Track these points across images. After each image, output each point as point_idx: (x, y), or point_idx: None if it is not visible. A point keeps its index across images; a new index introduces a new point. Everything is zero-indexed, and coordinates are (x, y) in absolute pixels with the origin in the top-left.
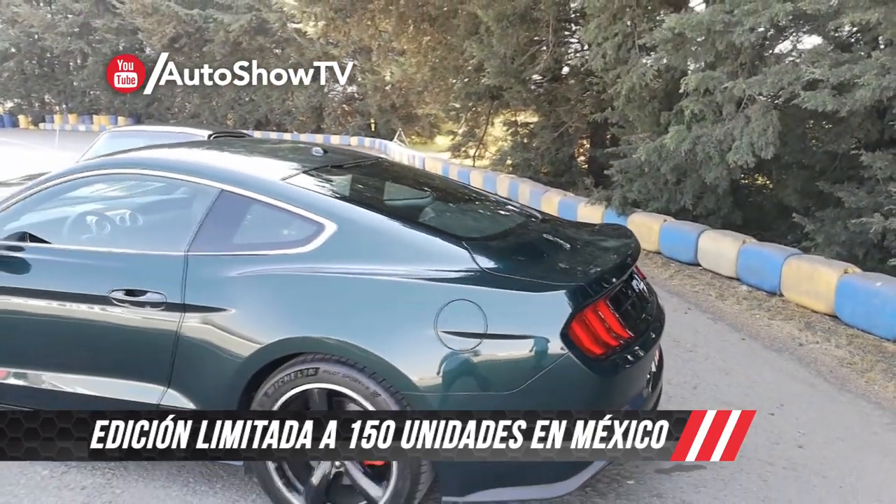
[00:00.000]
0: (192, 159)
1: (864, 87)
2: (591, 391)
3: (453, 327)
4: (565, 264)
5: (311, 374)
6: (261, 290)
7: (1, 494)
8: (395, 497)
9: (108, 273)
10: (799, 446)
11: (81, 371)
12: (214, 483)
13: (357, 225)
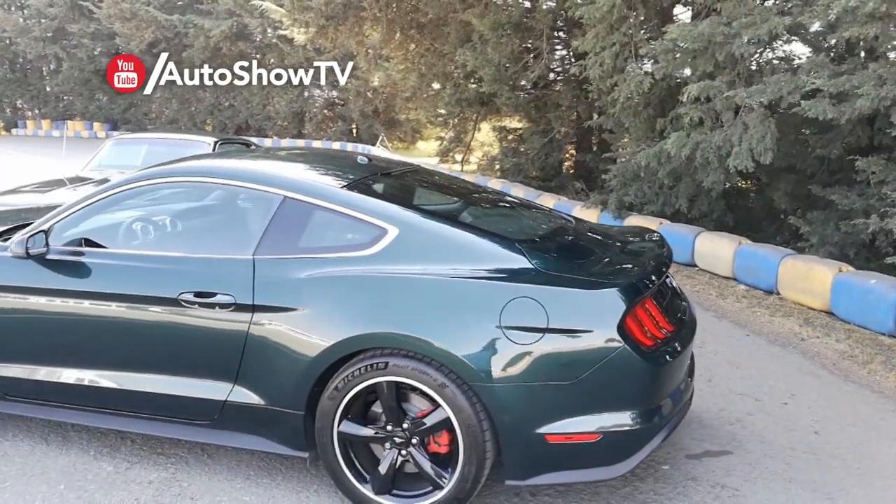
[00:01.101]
0: (253, 168)
1: (864, 97)
2: (644, 380)
3: (517, 323)
4: (612, 264)
5: (381, 367)
6: (331, 291)
7: (72, 490)
8: (461, 481)
9: (176, 276)
10: (815, 432)
11: (145, 370)
12: (275, 476)
13: (417, 229)
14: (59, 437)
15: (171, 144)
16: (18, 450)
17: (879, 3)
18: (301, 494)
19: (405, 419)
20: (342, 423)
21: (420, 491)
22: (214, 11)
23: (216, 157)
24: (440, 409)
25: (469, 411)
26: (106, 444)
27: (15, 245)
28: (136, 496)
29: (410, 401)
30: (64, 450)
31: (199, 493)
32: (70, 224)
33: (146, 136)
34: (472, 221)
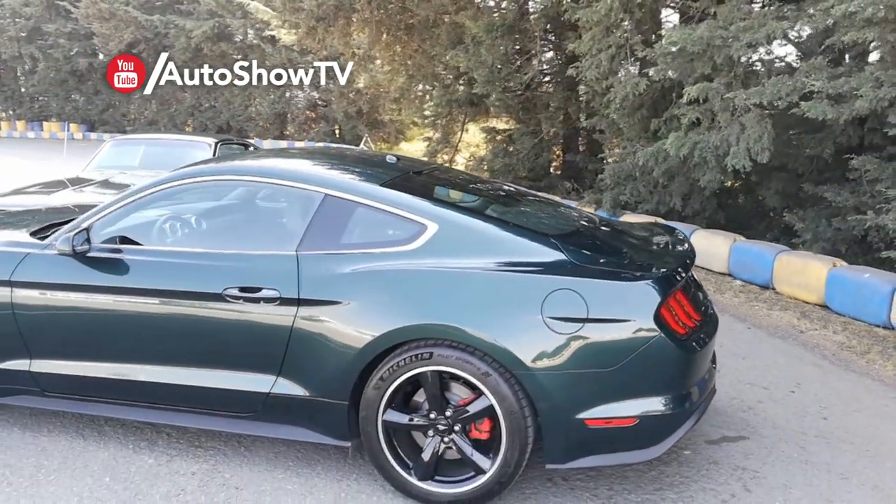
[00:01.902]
0: (293, 167)
1: (863, 98)
2: (678, 366)
3: (558, 313)
4: (643, 258)
5: (425, 357)
6: (376, 284)
7: (118, 481)
8: (503, 466)
9: (220, 272)
10: (823, 418)
11: (188, 364)
12: (314, 466)
13: (456, 225)
14: (95, 432)
15: (169, 145)
16: (57, 445)
17: (877, 9)
18: (341, 483)
19: (447, 407)
20: (386, 412)
21: (462, 476)
22: (195, 12)
23: (254, 157)
24: (483, 397)
25: (511, 398)
26: (143, 437)
27: (61, 242)
28: (182, 487)
29: (451, 389)
30: (102, 444)
31: (243, 483)
32: (109, 222)
33: (144, 136)
34: (505, 217)
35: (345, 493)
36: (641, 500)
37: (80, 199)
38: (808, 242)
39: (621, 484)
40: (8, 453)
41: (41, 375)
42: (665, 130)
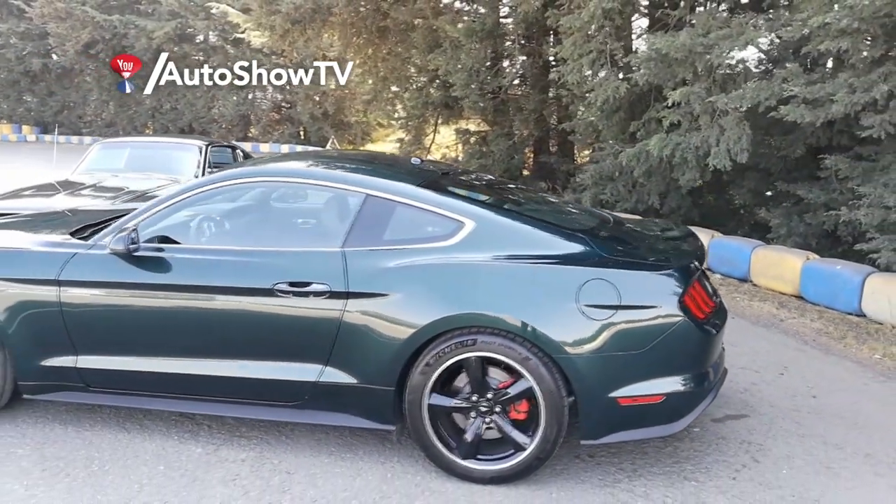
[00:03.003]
0: (334, 170)
1: (838, 103)
2: (700, 347)
3: (592, 301)
4: (662, 250)
5: (469, 344)
6: (420, 277)
7: (172, 469)
8: (543, 442)
9: (269, 268)
10: (812, 396)
11: (236, 356)
12: (356, 450)
13: (491, 221)
14: (136, 425)
15: (157, 148)
16: (102, 438)
17: (851, 21)
18: (385, 465)
19: (488, 390)
20: (431, 396)
21: (502, 454)
22: (156, 12)
23: (294, 160)
24: (523, 379)
25: (550, 380)
26: (185, 429)
27: (114, 242)
28: (235, 472)
29: (489, 374)
30: (147, 436)
31: (293, 468)
32: (152, 222)
33: (131, 139)
34: (532, 213)
35: (390, 473)
36: (663, 472)
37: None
38: (783, 237)
39: (642, 458)
40: (56, 447)
41: (87, 371)
42: (644, 132)
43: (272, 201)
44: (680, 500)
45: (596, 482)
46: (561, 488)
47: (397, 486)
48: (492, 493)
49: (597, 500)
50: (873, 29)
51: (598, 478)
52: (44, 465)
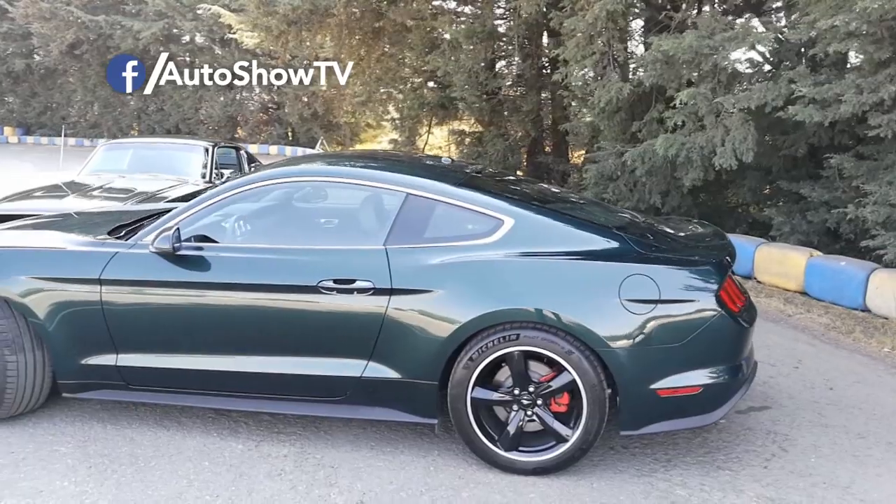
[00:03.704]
0: (373, 169)
1: (847, 103)
2: (735, 339)
3: (634, 296)
4: (695, 247)
5: (512, 339)
6: (463, 274)
7: (217, 465)
8: (585, 434)
9: (313, 266)
10: (829, 388)
11: (281, 353)
12: (396, 444)
13: (530, 219)
14: (174, 422)
15: (161, 148)
16: (143, 435)
17: (860, 24)
18: (427, 458)
19: (529, 383)
20: (474, 389)
21: (543, 446)
22: (143, 13)
23: (330, 160)
24: (565, 373)
25: (592, 373)
26: (223, 427)
27: (159, 241)
28: (280, 467)
29: (530, 367)
30: (186, 433)
31: (336, 463)
32: (191, 221)
33: (135, 140)
34: (567, 211)
35: (433, 466)
36: (696, 461)
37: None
38: (786, 235)
39: (674, 449)
40: (99, 444)
41: (128, 369)
42: (646, 132)
43: (312, 200)
44: (717, 487)
45: (633, 472)
46: (600, 478)
47: (441, 479)
48: (535, 484)
49: (636, 489)
50: (880, 31)
51: (635, 468)
52: (89, 463)
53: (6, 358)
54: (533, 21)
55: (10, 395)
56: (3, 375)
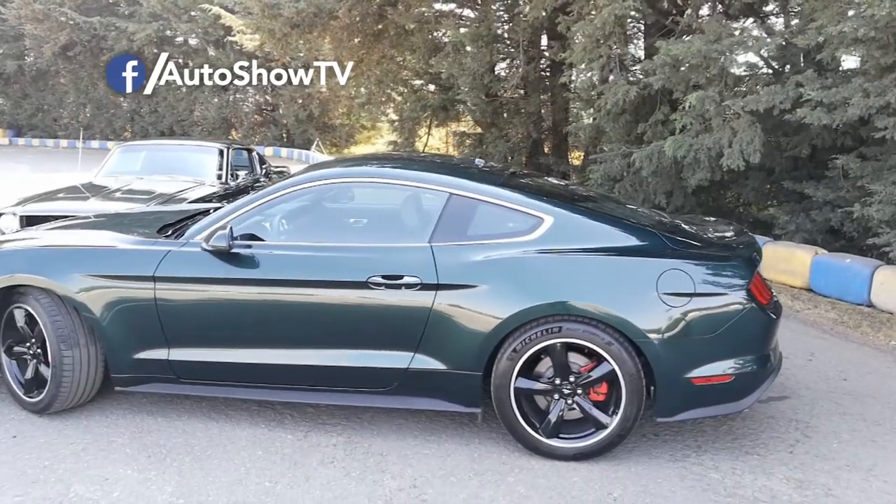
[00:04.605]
0: (416, 170)
1: (854, 106)
2: (765, 331)
3: (670, 290)
4: (725, 244)
5: (555, 331)
6: (507, 269)
7: (271, 454)
8: (623, 421)
9: (363, 263)
10: (843, 379)
11: (331, 346)
12: (439, 434)
13: (568, 217)
14: (222, 415)
15: (177, 150)
16: (194, 427)
17: (868, 30)
18: (470, 446)
19: (570, 374)
20: (518, 379)
21: (583, 433)
22: (137, 14)
23: (376, 163)
24: (604, 363)
25: (630, 363)
26: (270, 418)
27: (215, 240)
28: (331, 455)
29: (569, 358)
30: (235, 424)
31: (384, 451)
32: (243, 219)
33: (150, 143)
34: (602, 209)
35: (477, 453)
36: (725, 447)
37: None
38: (790, 233)
39: (702, 437)
40: (153, 435)
41: (179, 363)
42: (651, 134)
43: (356, 200)
44: (747, 470)
45: (667, 457)
46: (637, 463)
47: (487, 465)
48: (576, 469)
49: (672, 472)
50: (887, 37)
51: (668, 454)
52: (147, 452)
53: (63, 353)
54: (538, 24)
55: (65, 387)
56: (60, 369)
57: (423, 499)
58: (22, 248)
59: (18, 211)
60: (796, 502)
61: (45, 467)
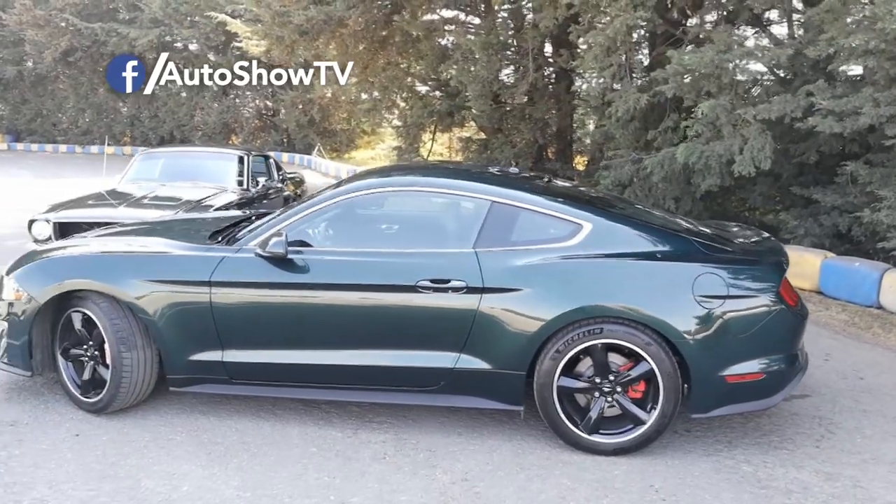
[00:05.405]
0: (459, 179)
1: (865, 115)
2: (793, 331)
3: (706, 292)
4: (755, 249)
5: (596, 332)
6: (549, 274)
7: (324, 451)
8: (661, 417)
9: (412, 268)
10: (860, 378)
11: (380, 347)
12: (481, 430)
13: (606, 224)
14: (270, 414)
15: (198, 157)
16: (246, 426)
17: (879, 42)
18: (513, 442)
19: (609, 372)
20: (560, 378)
21: (622, 429)
22: (139, 20)
23: (419, 172)
24: (643, 362)
25: (668, 362)
26: (317, 417)
27: (272, 246)
28: (382, 452)
29: (609, 358)
30: (285, 423)
31: (432, 447)
32: (295, 227)
33: (170, 150)
34: (636, 216)
35: (521, 449)
36: (755, 443)
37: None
38: (800, 238)
39: (732, 432)
40: (209, 434)
41: (232, 364)
42: (661, 141)
43: (400, 208)
44: (778, 464)
45: (700, 452)
46: (672, 458)
47: (531, 460)
48: (616, 463)
49: (707, 466)
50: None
51: (701, 448)
52: (207, 450)
53: (122, 355)
54: (547, 33)
55: (124, 388)
56: (119, 371)
57: (476, 491)
58: (81, 255)
59: (52, 217)
60: (827, 493)
61: (112, 463)
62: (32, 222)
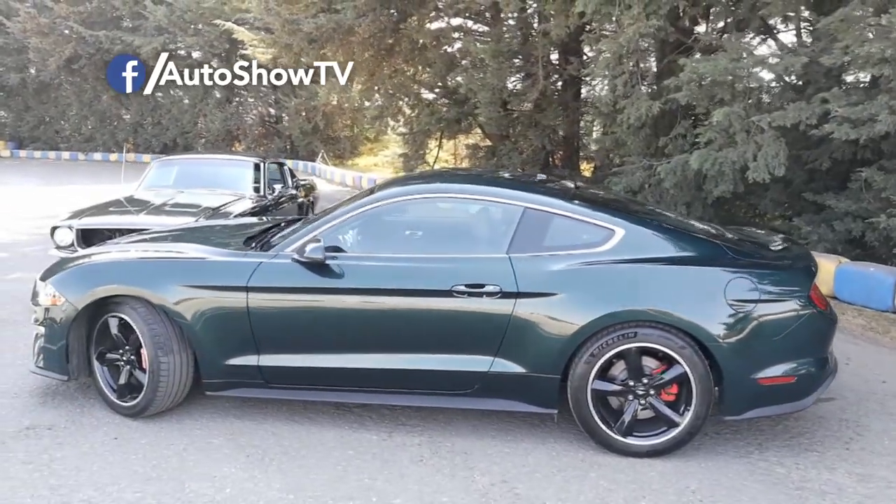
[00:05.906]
0: (492, 186)
1: (881, 122)
2: (823, 335)
3: (738, 296)
4: (784, 255)
5: (631, 336)
6: (583, 279)
7: (363, 454)
8: (695, 419)
9: (447, 273)
10: (882, 381)
11: (416, 350)
12: (514, 433)
13: (638, 230)
14: (305, 417)
15: (214, 165)
16: (281, 429)
17: (894, 51)
18: (547, 445)
19: (643, 375)
20: (594, 382)
21: (656, 431)
22: (143, 27)
23: (452, 179)
24: (676, 365)
25: (701, 365)
26: (351, 420)
27: (311, 252)
28: (419, 454)
29: (642, 361)
30: (320, 427)
31: (467, 450)
32: (331, 232)
33: (186, 157)
34: (666, 222)
35: (555, 451)
36: (785, 445)
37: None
38: (813, 243)
39: (762, 434)
40: (246, 437)
41: (268, 369)
42: (672, 147)
43: (434, 214)
44: (810, 466)
45: (732, 454)
46: (705, 459)
47: (566, 462)
48: (651, 465)
49: (740, 468)
50: None
51: (733, 451)
52: (246, 452)
53: (160, 359)
54: (557, 41)
55: (161, 392)
56: (156, 375)
57: (516, 493)
58: (118, 261)
59: (74, 224)
60: (862, 494)
61: (154, 466)
62: (55, 229)
